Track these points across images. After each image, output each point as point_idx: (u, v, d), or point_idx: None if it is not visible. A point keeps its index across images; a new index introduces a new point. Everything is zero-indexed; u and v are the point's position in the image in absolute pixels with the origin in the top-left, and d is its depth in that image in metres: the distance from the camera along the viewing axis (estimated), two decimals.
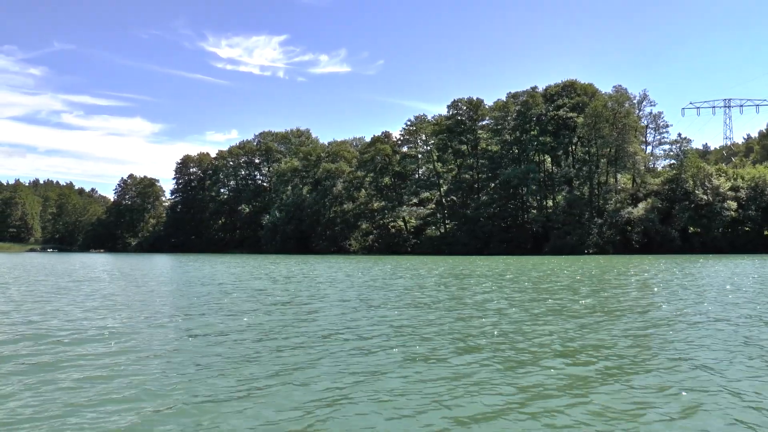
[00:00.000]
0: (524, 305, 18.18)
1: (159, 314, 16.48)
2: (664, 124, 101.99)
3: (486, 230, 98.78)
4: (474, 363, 9.94)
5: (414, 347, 11.32)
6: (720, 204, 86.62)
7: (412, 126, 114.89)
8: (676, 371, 9.36)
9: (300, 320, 15.20)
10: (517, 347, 11.30)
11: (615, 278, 31.03)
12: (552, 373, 9.23)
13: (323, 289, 24.74)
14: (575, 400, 7.82)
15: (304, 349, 11.28)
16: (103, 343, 11.86)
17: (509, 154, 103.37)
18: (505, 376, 9.13)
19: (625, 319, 14.98)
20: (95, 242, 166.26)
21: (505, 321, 14.84)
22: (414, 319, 15.34)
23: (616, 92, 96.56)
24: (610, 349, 11.07)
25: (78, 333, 13.10)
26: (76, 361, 10.11)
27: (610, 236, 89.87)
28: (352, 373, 9.28)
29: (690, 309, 17.07)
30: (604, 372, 9.35)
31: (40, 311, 17.08)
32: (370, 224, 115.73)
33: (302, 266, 49.70)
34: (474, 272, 37.75)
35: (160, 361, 10.20)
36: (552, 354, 10.74)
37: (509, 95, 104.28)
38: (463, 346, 11.46)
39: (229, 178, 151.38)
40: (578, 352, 10.91)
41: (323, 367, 9.73)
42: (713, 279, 29.59)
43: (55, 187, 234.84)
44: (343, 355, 10.63)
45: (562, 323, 14.30)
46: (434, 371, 9.38)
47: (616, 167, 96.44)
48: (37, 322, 14.80)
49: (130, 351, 11.04)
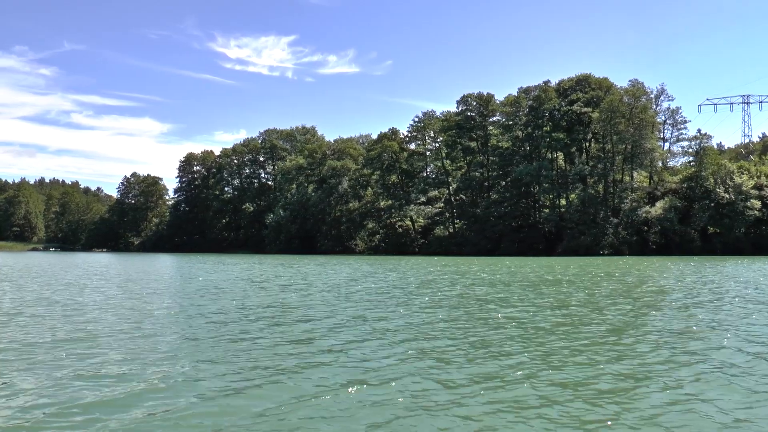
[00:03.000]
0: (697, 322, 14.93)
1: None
2: (682, 120, 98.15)
3: (497, 230, 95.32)
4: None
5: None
6: (743, 203, 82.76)
7: (420, 122, 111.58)
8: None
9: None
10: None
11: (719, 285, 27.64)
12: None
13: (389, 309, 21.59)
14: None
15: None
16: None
17: (521, 151, 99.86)
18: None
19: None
20: (98, 241, 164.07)
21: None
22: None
23: (633, 86, 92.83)
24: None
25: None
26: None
27: (625, 237, 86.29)
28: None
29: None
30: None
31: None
32: (376, 223, 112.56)
33: (329, 269, 46.54)
34: (543, 276, 34.40)
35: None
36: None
37: (521, 90, 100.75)
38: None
39: (233, 177, 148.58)
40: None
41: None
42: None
43: (60, 186, 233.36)
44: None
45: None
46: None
47: (632, 164, 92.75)
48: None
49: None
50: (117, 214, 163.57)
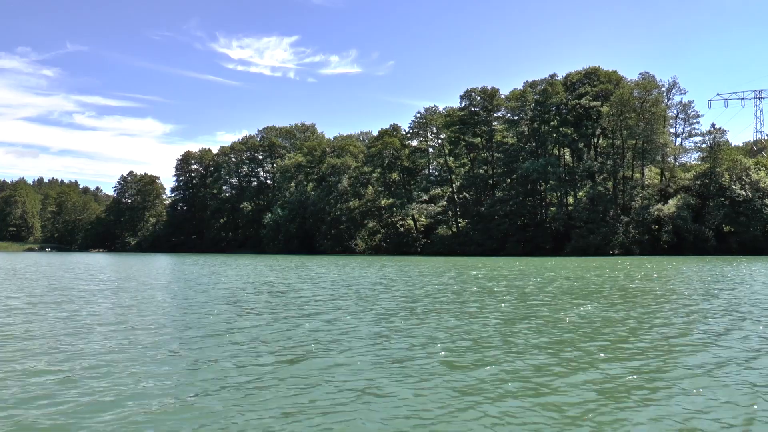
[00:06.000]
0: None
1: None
2: (695, 114, 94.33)
3: (502, 229, 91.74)
4: None
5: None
6: (760, 200, 79.13)
7: (422, 118, 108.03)
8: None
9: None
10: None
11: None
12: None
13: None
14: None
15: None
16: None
17: (527, 147, 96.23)
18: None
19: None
20: (94, 241, 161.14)
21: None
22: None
23: (643, 79, 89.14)
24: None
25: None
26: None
27: (636, 236, 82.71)
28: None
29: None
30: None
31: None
32: (377, 223, 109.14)
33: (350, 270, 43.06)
34: (588, 280, 30.87)
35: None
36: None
37: (526, 84, 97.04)
38: None
39: (232, 175, 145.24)
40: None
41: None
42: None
43: (58, 185, 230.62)
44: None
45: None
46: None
47: (643, 160, 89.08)
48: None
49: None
50: (114, 214, 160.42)
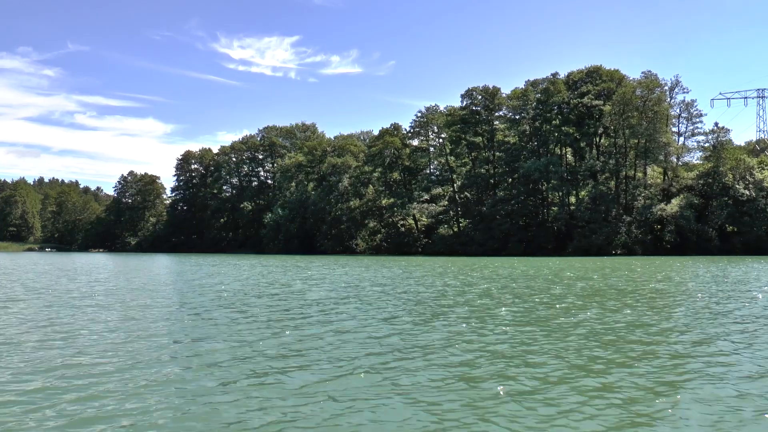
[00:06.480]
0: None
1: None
2: (698, 113, 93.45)
3: (503, 229, 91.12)
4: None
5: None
6: (764, 200, 78.54)
7: (423, 118, 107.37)
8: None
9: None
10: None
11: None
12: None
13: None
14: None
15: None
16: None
17: (528, 146, 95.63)
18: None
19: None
20: (94, 241, 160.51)
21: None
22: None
23: (646, 78, 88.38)
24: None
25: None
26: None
27: (638, 235, 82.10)
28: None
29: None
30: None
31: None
32: (378, 222, 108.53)
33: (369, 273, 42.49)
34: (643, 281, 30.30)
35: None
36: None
37: (528, 83, 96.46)
38: None
39: (232, 175, 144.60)
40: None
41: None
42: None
43: (58, 185, 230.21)
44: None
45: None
46: None
47: (645, 160, 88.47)
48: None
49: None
50: (114, 214, 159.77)
